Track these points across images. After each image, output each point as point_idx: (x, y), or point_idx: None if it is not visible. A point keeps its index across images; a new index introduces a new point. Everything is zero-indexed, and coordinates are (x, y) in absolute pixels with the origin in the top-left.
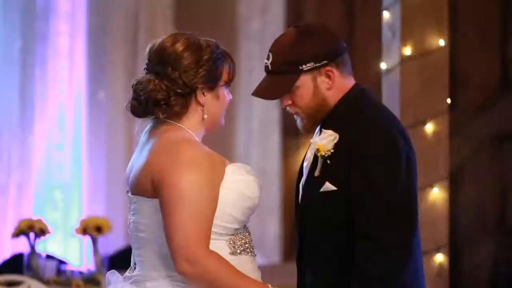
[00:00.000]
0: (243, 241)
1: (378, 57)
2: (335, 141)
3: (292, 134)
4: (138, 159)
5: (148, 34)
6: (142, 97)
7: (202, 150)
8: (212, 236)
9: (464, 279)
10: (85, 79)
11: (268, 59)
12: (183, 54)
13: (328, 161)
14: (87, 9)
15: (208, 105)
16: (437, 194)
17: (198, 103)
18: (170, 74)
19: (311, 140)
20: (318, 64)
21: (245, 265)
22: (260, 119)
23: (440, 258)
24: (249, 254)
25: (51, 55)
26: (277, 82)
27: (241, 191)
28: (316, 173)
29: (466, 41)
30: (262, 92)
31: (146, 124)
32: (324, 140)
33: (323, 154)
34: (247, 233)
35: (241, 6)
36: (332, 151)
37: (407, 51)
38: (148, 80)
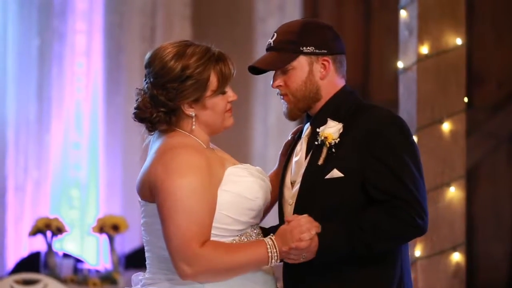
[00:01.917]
0: (248, 240)
1: (395, 56)
2: (341, 131)
3: None
4: (144, 166)
5: (165, 32)
6: (132, 114)
7: (199, 155)
8: (214, 239)
9: (481, 278)
10: (102, 78)
11: (272, 38)
12: (165, 66)
13: (333, 150)
14: (104, 7)
15: (197, 116)
16: (454, 193)
17: (186, 115)
18: (152, 92)
19: (303, 135)
20: (317, 51)
21: (254, 271)
22: (277, 118)
23: (457, 257)
24: None
25: (68, 53)
26: (276, 57)
27: (239, 193)
28: (320, 162)
29: (483, 39)
30: (258, 63)
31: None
32: (332, 129)
33: (331, 142)
34: (254, 233)
35: (257, 5)
36: (338, 139)
37: (424, 50)
38: (138, 93)
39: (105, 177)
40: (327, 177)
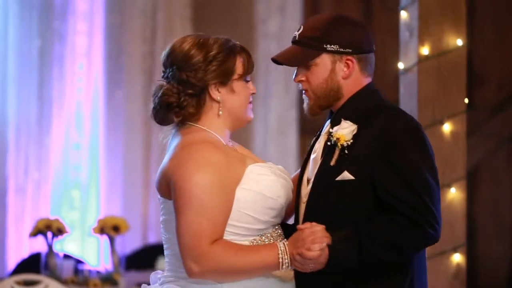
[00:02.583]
0: (269, 241)
1: (395, 57)
2: (354, 132)
3: (309, 133)
4: (162, 163)
5: (166, 34)
6: (157, 104)
7: (217, 151)
8: (233, 238)
9: (482, 279)
10: (102, 79)
11: (298, 30)
12: (189, 52)
13: (346, 151)
14: (105, 9)
15: (224, 101)
16: (454, 194)
17: (213, 99)
18: (179, 76)
19: (322, 132)
20: (342, 50)
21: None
22: (278, 118)
23: (457, 258)
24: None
25: (69, 54)
26: (299, 52)
27: (260, 191)
28: (332, 162)
29: (484, 40)
30: (281, 56)
31: (172, 129)
32: (345, 130)
33: (343, 143)
34: (275, 234)
35: (258, 6)
36: (351, 141)
37: (425, 50)
38: (159, 86)
39: (105, 178)
40: (337, 178)
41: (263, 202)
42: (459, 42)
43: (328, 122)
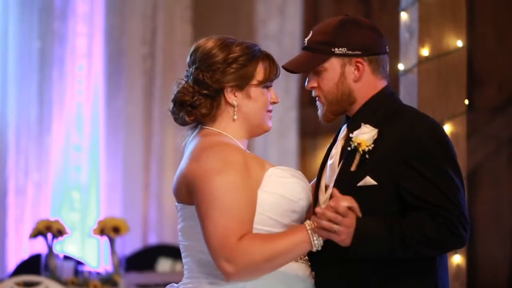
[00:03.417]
0: None
1: (395, 58)
2: (375, 137)
3: (309, 134)
4: (180, 168)
5: (166, 35)
6: (172, 100)
7: (236, 152)
8: None
9: (482, 280)
10: (103, 80)
11: (307, 36)
12: (210, 51)
13: (367, 156)
14: (105, 10)
15: (239, 106)
16: None
17: (228, 103)
18: (197, 75)
19: (339, 138)
20: (350, 52)
21: (294, 272)
22: (278, 120)
23: (457, 259)
24: (300, 261)
25: (69, 56)
26: (308, 58)
27: (282, 194)
28: (353, 168)
29: (484, 41)
30: (291, 64)
31: (189, 133)
32: (365, 135)
33: (365, 149)
34: None
35: (258, 7)
36: (372, 145)
37: (425, 52)
38: (178, 84)
39: (105, 179)
40: (359, 184)
41: (285, 204)
42: (459, 43)
43: (344, 127)
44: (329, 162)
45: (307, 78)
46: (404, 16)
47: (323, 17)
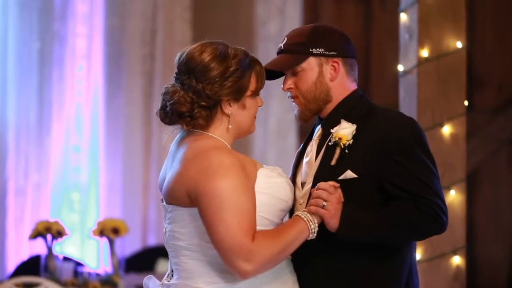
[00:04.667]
0: None
1: (395, 59)
2: (354, 133)
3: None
4: (170, 169)
5: (166, 36)
6: (168, 108)
7: (231, 155)
8: None
9: (481, 281)
10: (102, 81)
11: (282, 42)
12: (209, 65)
13: (347, 151)
14: (105, 11)
15: (234, 115)
16: (454, 196)
17: (224, 113)
18: (195, 86)
19: (314, 137)
20: (327, 52)
21: (282, 266)
22: (277, 121)
23: (457, 260)
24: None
25: (68, 57)
26: (286, 58)
27: (275, 194)
28: (333, 162)
29: (484, 42)
30: (270, 65)
31: (176, 132)
32: (345, 130)
33: (345, 143)
34: None
35: (258, 8)
36: (351, 141)
37: (425, 53)
38: (174, 90)
39: (105, 180)
40: (340, 178)
41: (278, 204)
42: (459, 44)
43: (319, 127)
44: (305, 159)
45: (283, 81)
46: (404, 17)
47: (323, 18)
